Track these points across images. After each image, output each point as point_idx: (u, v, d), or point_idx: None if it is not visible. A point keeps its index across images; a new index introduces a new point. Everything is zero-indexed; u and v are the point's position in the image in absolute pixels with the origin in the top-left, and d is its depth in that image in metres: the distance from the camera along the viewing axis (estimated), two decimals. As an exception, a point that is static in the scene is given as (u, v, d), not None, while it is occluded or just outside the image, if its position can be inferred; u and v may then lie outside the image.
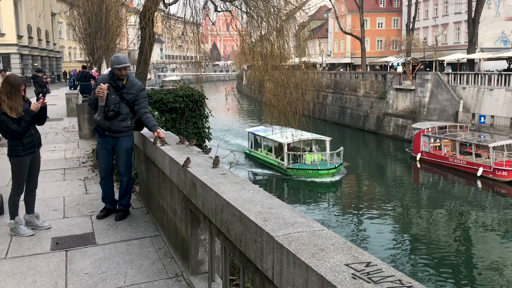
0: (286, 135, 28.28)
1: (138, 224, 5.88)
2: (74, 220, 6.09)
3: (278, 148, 30.45)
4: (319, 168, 27.78)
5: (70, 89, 30.90)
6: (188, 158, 4.19)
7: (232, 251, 3.07)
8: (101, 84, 5.67)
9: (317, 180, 27.62)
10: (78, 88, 22.94)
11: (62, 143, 12.70)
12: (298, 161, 28.88)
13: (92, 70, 26.96)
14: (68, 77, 49.40)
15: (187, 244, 4.24)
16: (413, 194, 26.99)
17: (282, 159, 29.26)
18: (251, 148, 33.90)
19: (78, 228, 5.79)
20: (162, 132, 5.72)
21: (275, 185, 27.71)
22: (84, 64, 27.36)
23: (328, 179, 27.71)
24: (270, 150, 31.53)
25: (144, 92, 6.01)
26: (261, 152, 32.27)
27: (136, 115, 5.94)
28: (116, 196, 6.27)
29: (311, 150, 30.33)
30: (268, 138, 30.93)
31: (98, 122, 5.86)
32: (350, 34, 58.10)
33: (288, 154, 28.85)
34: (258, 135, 32.77)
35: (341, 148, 29.08)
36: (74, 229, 5.74)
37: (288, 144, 28.82)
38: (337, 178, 28.22)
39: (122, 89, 5.78)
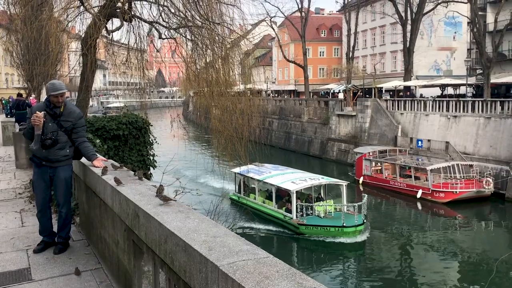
0: (291, 179, 23.66)
1: (79, 257, 5.62)
2: (8, 255, 5.74)
3: (279, 195, 24.63)
4: (344, 224, 21.15)
5: (7, 116, 29.51)
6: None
7: (177, 282, 2.99)
8: (37, 112, 5.45)
9: (340, 240, 21.35)
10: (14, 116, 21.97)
11: (-3, 174, 12.04)
12: (310, 213, 22.55)
13: (31, 98, 25.93)
14: (1, 105, 47.21)
15: (130, 277, 4.10)
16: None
17: (288, 211, 22.98)
18: (240, 193, 27.77)
19: (12, 263, 5.45)
20: (102, 161, 5.57)
21: (278, 246, 21.73)
22: (19, 92, 26.29)
23: (355, 239, 21.33)
24: (268, 197, 25.38)
25: (82, 120, 5.85)
26: (254, 199, 26.07)
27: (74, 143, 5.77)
28: (55, 228, 5.98)
29: (319, 198, 24.44)
30: (266, 182, 25.06)
31: (35, 152, 5.61)
32: (293, 62, 59.73)
33: (301, 206, 22.44)
34: (250, 178, 26.53)
35: (365, 196, 23.10)
36: (7, 265, 5.39)
37: (297, 192, 23.05)
38: (364, 237, 21.82)
39: (59, 117, 5.60)
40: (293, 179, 24.23)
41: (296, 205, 22.44)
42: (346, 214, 21.73)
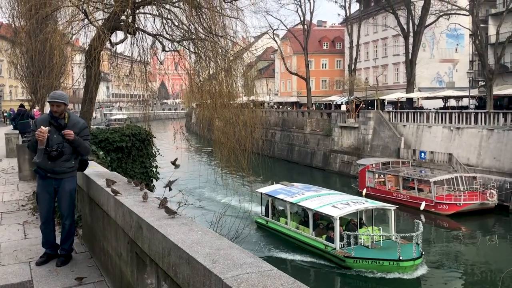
0: (331, 203, 20.75)
1: (81, 270, 5.60)
2: (10, 267, 5.71)
3: (316, 221, 21.69)
4: (400, 257, 18.05)
5: (13, 129, 29.60)
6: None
7: (180, 295, 2.98)
8: (41, 127, 5.46)
9: (395, 276, 18.30)
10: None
11: (0, 186, 12.05)
12: (356, 242, 19.28)
13: (34, 110, 26.05)
14: (2, 117, 47.72)
15: (133, 289, 4.08)
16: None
17: (329, 240, 20.07)
18: (267, 216, 24.86)
19: (14, 276, 5.42)
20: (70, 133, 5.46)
21: (318, 280, 18.93)
22: (22, 103, 26.49)
23: (412, 275, 18.34)
24: (303, 223, 22.56)
25: (87, 130, 5.89)
26: (286, 224, 23.13)
27: (79, 154, 5.79)
28: (58, 241, 5.97)
29: (361, 224, 21.19)
30: (300, 206, 22.44)
31: (39, 164, 5.62)
32: (295, 74, 59.93)
33: (347, 235, 19.23)
34: (280, 199, 23.84)
35: (420, 223, 19.47)
36: (10, 278, 5.37)
37: (341, 218, 20.10)
38: (423, 271, 18.97)
39: (64, 128, 5.62)
40: (333, 202, 21.15)
41: (341, 234, 19.48)
42: (408, 248, 18.76)
